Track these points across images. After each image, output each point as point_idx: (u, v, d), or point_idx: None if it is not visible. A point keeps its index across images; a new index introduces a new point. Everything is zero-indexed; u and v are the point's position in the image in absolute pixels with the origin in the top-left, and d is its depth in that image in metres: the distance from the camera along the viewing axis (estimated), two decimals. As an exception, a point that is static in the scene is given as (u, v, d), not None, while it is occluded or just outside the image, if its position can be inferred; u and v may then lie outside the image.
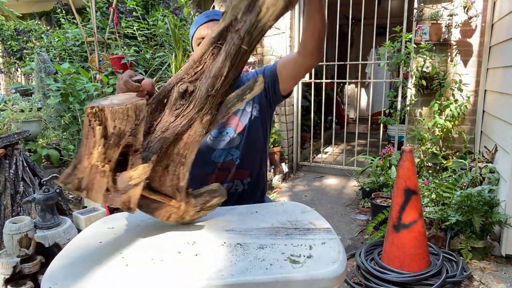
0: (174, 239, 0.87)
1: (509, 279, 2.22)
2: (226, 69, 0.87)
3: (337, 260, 0.75)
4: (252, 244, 0.83)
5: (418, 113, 3.74)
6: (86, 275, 0.72)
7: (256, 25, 0.85)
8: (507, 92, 2.58)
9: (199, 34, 1.28)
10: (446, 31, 3.47)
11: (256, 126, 1.36)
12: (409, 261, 2.11)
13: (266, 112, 1.38)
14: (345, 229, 3.02)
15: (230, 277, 0.70)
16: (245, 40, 0.86)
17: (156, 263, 0.76)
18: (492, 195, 2.47)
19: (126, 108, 0.76)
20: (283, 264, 0.74)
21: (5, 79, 6.88)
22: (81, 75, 2.98)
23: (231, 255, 0.78)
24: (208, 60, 0.88)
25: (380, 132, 4.38)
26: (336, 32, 4.20)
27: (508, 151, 2.46)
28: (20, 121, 2.74)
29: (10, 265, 1.63)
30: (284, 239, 0.85)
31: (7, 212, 2.25)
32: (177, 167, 0.89)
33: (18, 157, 2.37)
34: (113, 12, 3.32)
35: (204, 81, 0.87)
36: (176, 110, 0.87)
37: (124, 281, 0.69)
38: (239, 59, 0.88)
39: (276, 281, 0.70)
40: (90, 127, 0.75)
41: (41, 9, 6.47)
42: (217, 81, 0.87)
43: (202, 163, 1.29)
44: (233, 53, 0.86)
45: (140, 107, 0.79)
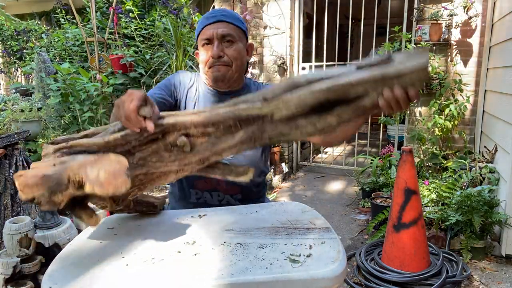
0: (174, 239, 0.87)
1: (509, 279, 2.22)
2: (228, 153, 0.86)
3: (337, 260, 0.76)
4: (252, 244, 0.83)
5: (418, 113, 3.74)
6: (86, 275, 0.72)
7: (282, 136, 0.82)
8: (507, 92, 2.58)
9: (205, 34, 1.23)
10: (446, 31, 3.47)
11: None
12: (409, 261, 2.11)
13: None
14: (345, 229, 3.02)
15: (230, 277, 0.70)
16: (262, 141, 0.83)
17: (156, 263, 0.76)
18: (492, 195, 2.47)
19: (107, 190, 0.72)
20: (283, 263, 0.74)
21: (5, 79, 6.88)
22: (81, 75, 2.98)
23: (231, 255, 0.78)
24: (220, 130, 0.82)
25: (380, 132, 4.38)
26: (336, 32, 4.20)
27: (508, 151, 2.46)
28: (20, 121, 2.74)
29: (10, 265, 1.63)
30: (284, 239, 0.85)
31: (7, 212, 2.25)
32: (133, 189, 0.88)
33: (18, 157, 2.37)
34: (113, 12, 3.33)
35: (202, 148, 0.83)
36: (162, 151, 0.84)
37: (124, 281, 0.69)
38: (243, 149, 0.85)
39: (276, 281, 0.70)
40: (67, 182, 0.73)
41: (41, 9, 6.48)
42: (214, 157, 0.86)
43: None
44: (245, 143, 0.83)
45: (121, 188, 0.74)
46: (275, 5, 4.28)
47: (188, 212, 1.04)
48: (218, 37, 1.21)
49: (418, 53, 0.75)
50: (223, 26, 1.21)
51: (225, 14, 1.24)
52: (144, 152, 0.84)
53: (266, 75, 4.46)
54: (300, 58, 4.52)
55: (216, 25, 1.22)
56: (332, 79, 0.75)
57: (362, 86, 0.74)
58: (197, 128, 0.82)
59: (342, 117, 0.77)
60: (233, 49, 1.23)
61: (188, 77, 1.34)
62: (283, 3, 4.25)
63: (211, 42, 1.22)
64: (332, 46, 6.08)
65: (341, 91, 0.75)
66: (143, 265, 0.75)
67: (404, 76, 0.73)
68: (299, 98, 0.76)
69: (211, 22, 1.22)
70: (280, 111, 0.78)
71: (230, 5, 4.47)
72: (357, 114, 0.77)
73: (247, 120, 0.81)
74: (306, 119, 0.78)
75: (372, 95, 0.75)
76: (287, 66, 4.37)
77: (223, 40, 1.22)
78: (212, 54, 1.21)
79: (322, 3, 4.18)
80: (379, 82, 0.73)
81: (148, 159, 0.84)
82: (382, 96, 0.74)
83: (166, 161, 0.84)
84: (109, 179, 0.71)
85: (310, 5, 4.84)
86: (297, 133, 0.80)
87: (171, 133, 0.83)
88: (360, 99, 0.76)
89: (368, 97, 0.75)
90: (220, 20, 1.22)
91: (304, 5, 4.53)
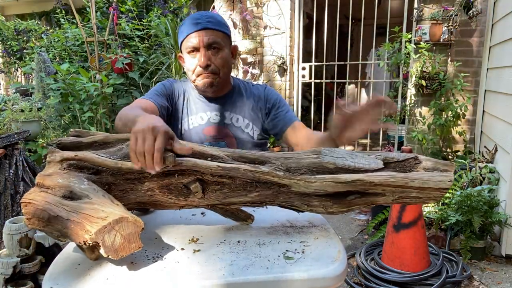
0: (175, 237, 0.87)
1: (509, 279, 2.22)
2: (236, 206, 0.87)
3: (337, 259, 0.76)
4: (252, 243, 0.83)
5: (418, 113, 3.74)
6: (87, 275, 0.72)
7: (292, 206, 0.85)
8: (507, 92, 2.59)
9: (190, 42, 1.21)
10: (446, 31, 3.47)
11: (251, 147, 1.33)
12: (409, 261, 2.11)
13: (263, 137, 1.37)
14: (345, 229, 3.02)
15: (231, 276, 0.70)
16: (272, 204, 0.85)
17: (157, 261, 0.76)
18: (492, 195, 2.48)
19: (119, 255, 0.70)
20: (283, 263, 0.74)
21: (5, 79, 6.88)
22: (81, 75, 2.98)
23: (231, 254, 0.78)
24: (236, 184, 0.82)
25: (380, 132, 4.38)
26: (336, 32, 4.20)
27: (508, 151, 2.46)
28: (20, 121, 2.74)
29: (10, 265, 1.63)
30: (283, 238, 0.85)
31: (7, 212, 2.25)
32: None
33: (18, 157, 2.37)
34: (113, 12, 3.33)
35: (213, 196, 0.83)
36: (173, 188, 0.84)
37: (125, 280, 0.69)
38: (250, 206, 0.87)
39: (276, 280, 0.70)
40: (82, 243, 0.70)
41: (41, 9, 6.48)
42: (221, 205, 0.87)
43: None
44: (256, 203, 0.84)
45: (133, 251, 0.72)
46: (275, 5, 4.28)
47: (190, 210, 1.04)
48: (204, 45, 1.21)
49: (445, 165, 0.78)
50: (209, 34, 1.21)
51: (210, 20, 1.23)
52: (154, 183, 0.83)
53: (266, 75, 4.46)
54: (300, 58, 4.53)
55: (202, 32, 1.20)
56: (358, 173, 0.77)
57: (383, 188, 0.77)
58: (214, 177, 0.82)
59: (353, 206, 0.81)
60: (220, 57, 1.24)
61: (179, 84, 1.37)
62: (283, 3, 4.25)
63: (197, 50, 1.22)
64: (332, 46, 6.08)
65: (362, 187, 0.77)
66: (144, 263, 0.75)
67: (425, 190, 0.75)
68: (322, 184, 0.78)
69: (197, 30, 1.21)
70: (299, 187, 0.80)
71: (230, 5, 4.47)
72: (366, 205, 0.81)
73: (265, 184, 0.82)
74: (320, 201, 0.81)
75: (388, 197, 0.79)
76: (287, 66, 4.37)
77: (210, 48, 1.22)
78: (199, 64, 1.22)
79: (322, 3, 4.18)
80: (399, 189, 0.77)
81: (156, 191, 0.84)
82: (396, 199, 0.78)
83: (174, 198, 0.85)
84: (123, 244, 0.69)
85: (310, 5, 4.85)
86: (307, 208, 0.84)
87: (186, 175, 0.82)
88: (376, 196, 0.79)
89: (384, 197, 0.79)
90: (207, 28, 1.21)
91: (304, 5, 4.53)
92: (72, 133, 0.94)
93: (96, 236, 0.67)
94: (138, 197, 0.85)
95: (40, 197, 0.76)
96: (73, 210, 0.72)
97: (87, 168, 0.83)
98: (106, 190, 0.82)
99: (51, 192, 0.77)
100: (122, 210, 0.73)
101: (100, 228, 0.67)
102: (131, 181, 0.84)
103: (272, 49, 4.39)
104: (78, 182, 0.78)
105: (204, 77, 1.24)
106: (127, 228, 0.70)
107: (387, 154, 0.81)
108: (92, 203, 0.72)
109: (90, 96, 2.99)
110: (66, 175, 0.80)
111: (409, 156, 0.79)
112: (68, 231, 0.71)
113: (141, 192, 0.84)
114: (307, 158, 0.81)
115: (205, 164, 0.80)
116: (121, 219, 0.69)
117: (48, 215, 0.73)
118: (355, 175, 0.77)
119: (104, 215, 0.69)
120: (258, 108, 1.34)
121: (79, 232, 0.69)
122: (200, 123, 1.32)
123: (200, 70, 1.23)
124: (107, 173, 0.83)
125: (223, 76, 1.27)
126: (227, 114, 1.33)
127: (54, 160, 0.84)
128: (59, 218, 0.72)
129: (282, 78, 4.41)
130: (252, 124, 1.33)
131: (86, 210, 0.71)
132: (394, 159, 0.79)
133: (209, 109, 1.33)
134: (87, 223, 0.69)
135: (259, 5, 4.33)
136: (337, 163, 0.78)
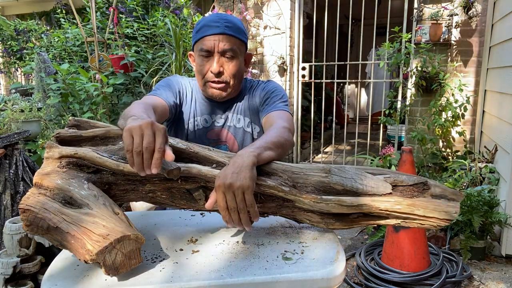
0: (174, 237, 0.87)
1: (509, 279, 2.22)
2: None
3: (336, 260, 0.76)
4: (251, 244, 0.83)
5: (418, 113, 3.74)
6: (86, 275, 0.72)
7: (293, 219, 0.85)
8: (507, 92, 2.58)
9: (205, 45, 1.17)
10: (446, 31, 3.47)
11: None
12: (409, 261, 2.11)
13: (262, 131, 1.33)
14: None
15: (230, 277, 0.70)
16: (274, 215, 0.85)
17: (156, 262, 0.76)
18: (492, 195, 2.47)
19: (119, 273, 0.69)
20: (282, 263, 0.74)
21: (5, 79, 6.88)
22: (81, 75, 2.98)
23: (230, 255, 0.78)
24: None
25: (380, 132, 4.38)
26: (336, 32, 4.20)
27: (508, 151, 2.45)
28: (20, 121, 2.74)
29: (10, 265, 1.64)
30: (282, 239, 0.85)
31: (7, 212, 2.26)
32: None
33: (18, 157, 2.37)
34: (113, 12, 3.33)
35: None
36: (175, 192, 0.83)
37: (124, 281, 0.69)
38: None
39: (275, 281, 0.70)
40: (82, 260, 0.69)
41: (41, 9, 6.49)
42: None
43: None
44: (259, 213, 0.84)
45: (132, 267, 0.71)
46: (275, 5, 4.28)
47: (190, 211, 1.04)
48: (219, 51, 1.17)
49: (453, 193, 0.77)
50: (225, 40, 1.16)
51: (229, 25, 1.17)
52: (156, 186, 0.82)
53: (266, 75, 4.47)
54: (300, 58, 4.53)
55: (219, 37, 1.16)
56: (365, 197, 0.77)
57: (388, 213, 0.77)
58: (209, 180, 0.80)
59: (355, 224, 0.81)
60: (233, 65, 1.19)
61: (186, 81, 1.33)
62: (283, 3, 4.25)
63: (210, 54, 1.18)
64: (332, 46, 6.08)
65: (367, 210, 0.77)
66: (143, 264, 0.75)
67: (429, 218, 0.75)
68: (327, 205, 0.77)
69: (214, 33, 1.16)
70: (303, 204, 0.79)
71: (230, 5, 4.47)
72: (368, 225, 0.82)
73: (269, 196, 0.81)
74: (322, 218, 0.81)
75: (392, 220, 0.79)
76: (287, 66, 4.37)
77: (224, 55, 1.18)
78: (211, 69, 1.18)
79: (322, 3, 4.18)
80: (404, 215, 0.77)
81: (158, 193, 0.83)
82: (399, 223, 0.78)
83: (176, 201, 0.84)
84: (124, 262, 0.68)
85: (310, 5, 4.85)
86: (309, 223, 0.84)
87: (190, 181, 0.81)
88: (379, 218, 0.79)
89: (387, 220, 0.79)
90: (223, 33, 1.16)
91: (304, 5, 4.53)
92: (71, 122, 0.90)
93: (97, 257, 0.66)
94: (139, 198, 0.84)
95: (39, 203, 0.74)
96: (73, 222, 0.70)
97: (87, 167, 0.81)
98: (106, 190, 0.81)
99: (50, 196, 0.75)
100: (124, 224, 0.71)
101: (101, 249, 0.65)
102: (132, 182, 0.83)
103: (272, 49, 4.39)
104: (79, 186, 0.76)
105: (213, 87, 1.21)
106: (128, 246, 0.69)
107: (396, 176, 0.78)
108: (93, 216, 0.71)
109: (90, 96, 2.99)
110: (65, 175, 0.78)
111: (419, 181, 0.77)
112: (68, 245, 0.70)
113: (142, 193, 0.83)
114: (315, 176, 0.79)
115: (210, 172, 0.78)
116: (123, 237, 0.67)
117: (47, 224, 0.71)
118: (361, 198, 0.76)
119: (105, 232, 0.67)
120: (255, 102, 1.31)
121: (80, 250, 0.68)
122: (204, 126, 1.30)
123: (211, 76, 1.19)
124: (107, 172, 0.81)
125: (233, 86, 1.23)
126: (230, 115, 1.31)
127: (52, 157, 0.81)
128: (59, 229, 0.70)
129: (282, 78, 4.41)
130: (253, 123, 1.31)
131: (87, 224, 0.69)
132: (403, 183, 0.77)
133: (214, 112, 1.31)
134: (88, 241, 0.67)
135: (259, 5, 4.33)
136: (346, 184, 0.77)
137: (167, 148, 0.72)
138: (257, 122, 1.31)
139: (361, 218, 0.80)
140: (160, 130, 0.72)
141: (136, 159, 0.70)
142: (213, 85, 1.21)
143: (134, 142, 0.70)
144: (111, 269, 0.67)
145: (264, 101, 1.28)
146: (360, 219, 0.80)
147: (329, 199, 0.77)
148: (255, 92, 1.32)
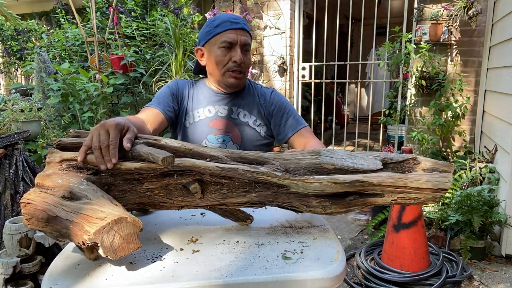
0: (174, 237, 0.87)
1: (509, 279, 2.22)
2: (235, 206, 0.87)
3: (336, 260, 0.76)
4: (251, 244, 0.83)
5: (418, 113, 3.74)
6: (87, 275, 0.72)
7: (291, 207, 0.85)
8: (507, 92, 2.58)
9: (229, 38, 1.28)
10: (446, 31, 3.47)
11: (257, 144, 1.37)
12: (409, 261, 2.11)
13: (270, 136, 1.41)
14: (345, 229, 3.02)
15: (230, 277, 0.70)
16: (271, 205, 0.85)
17: (156, 261, 0.76)
18: (492, 195, 2.48)
19: (117, 255, 0.69)
20: (282, 263, 0.74)
21: (5, 79, 6.88)
22: (81, 75, 2.98)
23: (230, 254, 0.78)
24: (235, 185, 0.82)
25: (380, 132, 4.38)
26: (336, 32, 4.20)
27: (508, 151, 2.46)
28: (20, 121, 2.74)
29: (10, 265, 1.64)
30: (282, 238, 0.85)
31: (7, 212, 2.26)
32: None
33: (18, 157, 2.37)
34: (113, 12, 3.33)
35: (212, 197, 0.84)
36: (172, 188, 0.84)
37: (124, 280, 0.70)
38: (250, 207, 0.87)
39: (275, 281, 0.70)
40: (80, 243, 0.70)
41: (41, 9, 6.48)
42: (220, 206, 0.86)
43: None
44: (255, 204, 0.85)
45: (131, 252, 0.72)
46: (275, 5, 4.28)
47: (190, 210, 1.04)
48: (241, 44, 1.29)
49: (444, 165, 0.78)
50: (245, 34, 1.31)
51: (245, 23, 1.34)
52: (154, 184, 0.83)
53: (266, 75, 4.47)
54: (300, 58, 4.53)
55: (240, 32, 1.29)
56: (356, 174, 0.77)
57: (382, 189, 0.77)
58: (212, 177, 0.82)
59: (352, 207, 0.81)
60: (248, 58, 1.34)
61: (183, 82, 1.42)
62: (283, 3, 4.25)
63: (233, 46, 1.29)
64: (332, 46, 6.09)
65: (361, 187, 0.78)
66: (143, 263, 0.75)
67: (424, 190, 0.76)
68: (320, 185, 0.78)
69: (236, 28, 1.29)
70: (297, 188, 0.80)
71: (230, 5, 4.47)
72: (365, 205, 0.81)
73: (263, 184, 0.82)
74: (318, 202, 0.81)
75: (387, 198, 0.79)
76: (287, 66, 4.37)
77: (243, 48, 1.30)
78: (236, 59, 1.28)
79: (322, 3, 4.18)
80: (398, 190, 0.77)
81: (156, 191, 0.84)
82: (395, 199, 0.79)
83: (174, 198, 0.85)
84: (122, 245, 0.69)
85: (310, 5, 4.85)
86: (306, 209, 0.84)
87: (185, 176, 0.82)
88: (374, 196, 0.79)
89: (383, 198, 0.79)
90: (243, 29, 1.30)
91: (304, 5, 4.53)
92: (71, 133, 0.95)
93: (95, 236, 0.67)
94: (138, 198, 0.85)
95: (39, 197, 0.76)
96: (72, 211, 0.71)
97: (87, 169, 0.83)
98: (105, 191, 0.82)
99: (51, 193, 0.77)
100: (121, 210, 0.73)
101: (98, 228, 0.66)
102: (130, 182, 0.84)
103: (272, 49, 4.39)
104: (78, 183, 0.78)
105: (234, 76, 1.31)
106: (125, 228, 0.69)
107: (386, 154, 0.81)
108: (91, 204, 0.72)
109: (90, 96, 2.99)
110: (65, 176, 0.80)
111: (408, 156, 0.79)
112: (67, 232, 0.71)
113: (140, 193, 0.84)
114: (306, 159, 0.81)
115: (204, 164, 0.80)
116: (120, 219, 0.69)
117: (47, 215, 0.73)
118: (353, 175, 0.77)
119: (103, 215, 0.69)
120: (263, 109, 1.40)
121: (78, 233, 0.69)
122: (207, 116, 1.36)
123: (232, 66, 1.29)
124: (106, 173, 0.83)
125: (246, 77, 1.37)
126: (234, 109, 1.38)
127: (53, 161, 0.84)
128: (58, 218, 0.72)
129: (282, 78, 4.41)
130: (261, 121, 1.38)
131: (85, 211, 0.71)
132: (393, 160, 0.79)
133: (217, 103, 1.38)
134: (86, 224, 0.68)
135: (259, 5, 4.33)
136: (336, 163, 0.78)
137: (125, 140, 0.81)
138: (264, 122, 1.39)
139: (357, 199, 0.80)
140: (112, 126, 0.81)
141: (95, 154, 0.80)
142: (233, 74, 1.31)
143: (93, 140, 0.80)
144: (109, 251, 0.68)
145: (282, 115, 1.38)
146: (356, 201, 0.80)
147: (322, 178, 0.78)
148: (264, 97, 1.41)
